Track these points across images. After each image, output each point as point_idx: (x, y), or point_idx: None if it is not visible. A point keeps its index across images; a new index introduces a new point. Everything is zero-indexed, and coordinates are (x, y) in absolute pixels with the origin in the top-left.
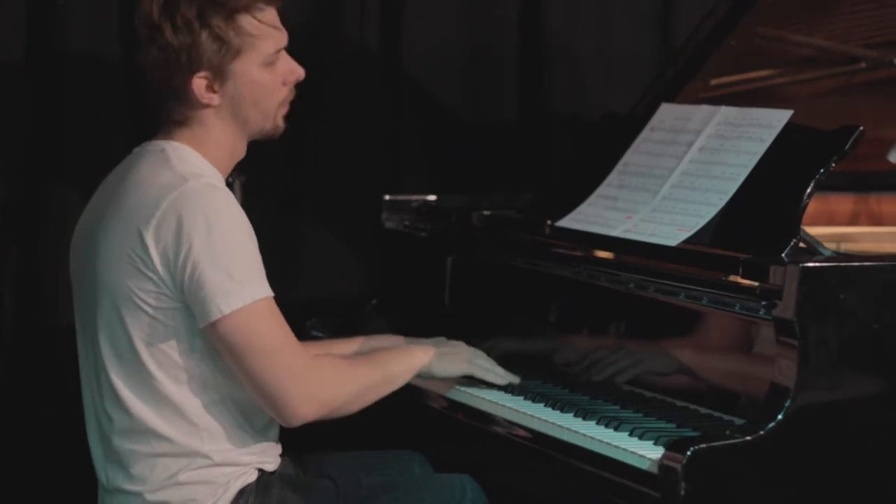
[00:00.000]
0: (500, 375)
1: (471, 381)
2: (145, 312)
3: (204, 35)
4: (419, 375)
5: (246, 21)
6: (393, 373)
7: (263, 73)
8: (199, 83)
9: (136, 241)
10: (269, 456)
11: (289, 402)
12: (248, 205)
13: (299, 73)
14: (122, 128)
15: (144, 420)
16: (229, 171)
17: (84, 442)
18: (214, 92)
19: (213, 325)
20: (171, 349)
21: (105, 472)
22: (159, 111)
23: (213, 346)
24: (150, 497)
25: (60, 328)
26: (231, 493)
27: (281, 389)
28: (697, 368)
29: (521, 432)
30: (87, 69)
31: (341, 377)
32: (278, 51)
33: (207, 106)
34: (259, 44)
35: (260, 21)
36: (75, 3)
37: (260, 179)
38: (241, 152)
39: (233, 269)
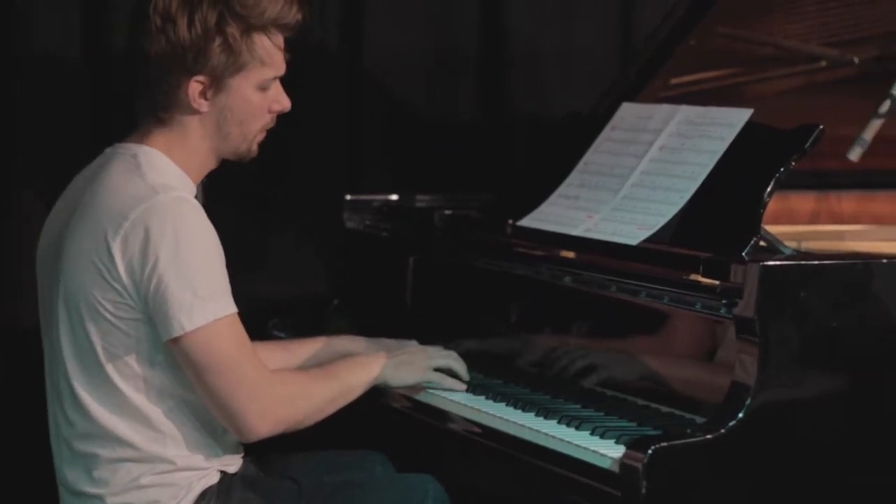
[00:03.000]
0: (457, 384)
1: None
2: (108, 321)
3: (217, 41)
4: (375, 386)
5: (260, 40)
6: (350, 385)
7: (256, 95)
8: (194, 86)
9: (103, 249)
10: (230, 459)
11: (246, 418)
12: (209, 206)
13: (285, 104)
14: (84, 132)
15: (108, 426)
16: (198, 181)
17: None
18: (206, 99)
19: (176, 340)
20: (132, 359)
21: (66, 475)
22: (143, 107)
23: (175, 358)
24: (111, 500)
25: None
26: (193, 495)
27: (238, 406)
28: (659, 367)
29: (483, 431)
30: (49, 71)
31: (298, 394)
32: (275, 78)
33: (195, 112)
34: (263, 66)
35: (272, 44)
36: (37, 4)
37: (221, 179)
38: (210, 166)
39: (197, 285)
